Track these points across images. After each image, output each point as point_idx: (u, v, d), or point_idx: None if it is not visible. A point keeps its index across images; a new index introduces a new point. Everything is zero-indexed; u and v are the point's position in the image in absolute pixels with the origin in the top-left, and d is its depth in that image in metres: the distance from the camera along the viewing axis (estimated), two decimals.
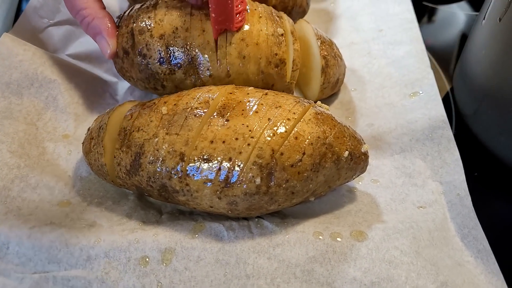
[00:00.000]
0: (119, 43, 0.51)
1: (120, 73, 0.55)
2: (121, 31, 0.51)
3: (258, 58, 0.50)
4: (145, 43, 0.50)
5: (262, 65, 0.50)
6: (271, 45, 0.50)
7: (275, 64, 0.51)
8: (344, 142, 0.43)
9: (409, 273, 0.39)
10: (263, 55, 0.50)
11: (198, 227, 0.44)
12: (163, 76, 0.51)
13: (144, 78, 0.52)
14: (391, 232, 0.42)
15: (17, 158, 0.49)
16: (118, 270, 0.41)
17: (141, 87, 0.54)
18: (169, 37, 0.49)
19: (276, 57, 0.51)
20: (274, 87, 0.53)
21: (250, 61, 0.50)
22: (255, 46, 0.50)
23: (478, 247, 0.42)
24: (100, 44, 0.51)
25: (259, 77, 0.51)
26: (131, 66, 0.52)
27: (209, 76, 0.50)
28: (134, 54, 0.51)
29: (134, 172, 0.43)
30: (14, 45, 0.55)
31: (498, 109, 0.49)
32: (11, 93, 0.53)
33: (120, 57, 0.52)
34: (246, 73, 0.50)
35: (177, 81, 0.51)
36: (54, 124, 0.54)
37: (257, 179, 0.40)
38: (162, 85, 0.52)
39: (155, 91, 0.54)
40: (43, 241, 0.41)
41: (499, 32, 0.47)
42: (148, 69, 0.51)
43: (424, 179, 0.48)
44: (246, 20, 0.50)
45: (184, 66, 0.50)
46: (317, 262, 0.41)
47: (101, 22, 0.50)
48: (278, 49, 0.51)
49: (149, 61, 0.50)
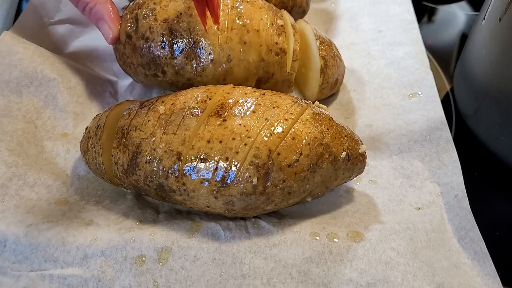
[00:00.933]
0: (122, 29, 0.52)
1: (120, 62, 0.55)
2: (125, 17, 0.52)
3: (259, 45, 0.51)
4: (149, 26, 0.50)
5: (262, 52, 0.51)
6: (271, 34, 0.51)
7: (275, 52, 0.52)
8: (342, 142, 0.43)
9: (405, 274, 0.39)
10: (264, 42, 0.51)
11: (195, 226, 0.44)
12: (164, 61, 0.51)
13: (145, 64, 0.53)
14: (388, 233, 0.42)
15: (15, 157, 0.49)
16: (115, 269, 0.41)
17: (141, 75, 0.55)
18: (173, 21, 0.50)
19: (277, 45, 0.52)
20: (274, 77, 0.53)
21: (251, 47, 0.51)
22: (256, 33, 0.51)
23: (475, 249, 0.42)
24: (102, 29, 0.52)
25: (259, 65, 0.52)
26: (132, 51, 0.52)
27: (210, 61, 0.51)
28: (136, 38, 0.51)
29: (131, 171, 0.43)
30: (14, 43, 0.55)
31: (498, 109, 0.49)
32: (10, 91, 0.53)
33: (122, 43, 0.53)
34: (247, 59, 0.51)
35: (178, 66, 0.51)
36: (53, 122, 0.55)
37: (253, 179, 0.40)
38: (163, 71, 0.52)
39: (155, 78, 0.54)
40: (40, 239, 0.42)
41: (499, 32, 0.47)
42: (149, 53, 0.51)
43: (422, 180, 0.48)
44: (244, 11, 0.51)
45: (186, 50, 0.50)
46: (313, 262, 0.40)
47: (103, 7, 0.50)
48: (278, 39, 0.52)
49: (151, 44, 0.51)
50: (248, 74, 0.52)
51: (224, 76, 0.52)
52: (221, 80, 0.52)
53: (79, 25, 0.65)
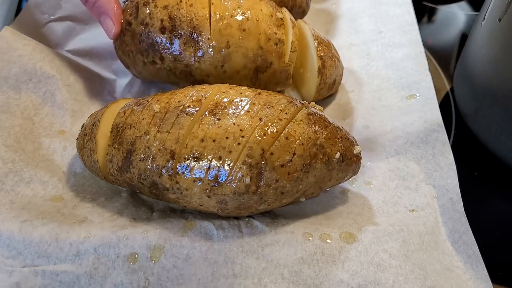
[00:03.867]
0: (123, 18, 0.53)
1: (119, 52, 0.56)
2: (126, 7, 0.53)
3: (258, 34, 0.51)
4: (149, 13, 0.51)
5: (261, 40, 0.52)
6: (270, 24, 0.52)
7: (274, 42, 0.52)
8: (336, 143, 0.43)
9: (396, 276, 0.39)
10: (263, 31, 0.52)
11: (188, 225, 0.44)
12: (163, 46, 0.52)
13: (143, 50, 0.53)
14: (381, 235, 0.42)
15: (12, 153, 0.49)
16: (107, 266, 0.41)
17: (140, 63, 0.55)
18: (173, 7, 0.51)
19: (276, 36, 0.52)
20: (272, 66, 0.53)
21: (250, 34, 0.51)
22: (255, 22, 0.51)
23: (468, 252, 0.41)
24: (104, 24, 0.52)
25: (257, 52, 0.52)
26: (131, 38, 0.53)
27: (208, 47, 0.51)
28: (136, 24, 0.52)
29: (126, 169, 0.43)
30: (14, 40, 0.56)
31: (498, 109, 0.49)
32: (9, 87, 0.54)
33: (122, 31, 0.53)
34: (245, 46, 0.51)
35: (176, 52, 0.52)
36: (51, 119, 0.55)
37: (246, 179, 0.40)
38: (161, 57, 0.53)
39: (153, 66, 0.54)
40: (34, 235, 0.42)
41: (499, 32, 0.47)
42: (148, 39, 0.52)
43: (417, 182, 0.48)
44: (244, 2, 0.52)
45: (185, 36, 0.51)
46: (305, 263, 0.40)
47: (107, 1, 0.51)
48: (277, 29, 0.53)
49: (150, 29, 0.51)
50: (247, 61, 0.52)
51: (222, 62, 0.52)
52: (219, 67, 0.52)
53: (79, 22, 0.65)
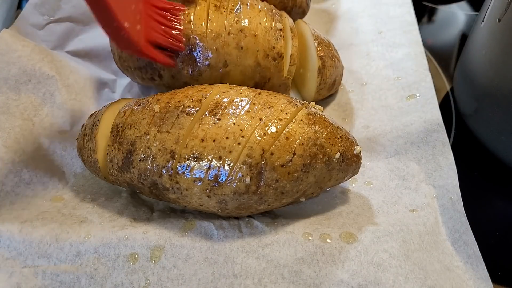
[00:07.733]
0: None
1: (118, 64, 0.56)
2: None
3: (256, 50, 0.51)
4: None
5: (259, 57, 0.51)
6: (269, 38, 0.51)
7: (272, 57, 0.51)
8: (336, 143, 0.43)
9: (396, 276, 0.39)
10: (261, 47, 0.51)
11: (188, 225, 0.44)
12: (161, 65, 0.51)
13: (142, 67, 0.53)
14: (381, 234, 0.42)
15: (12, 153, 0.49)
16: (107, 266, 0.41)
17: (138, 78, 0.55)
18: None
19: (274, 50, 0.51)
20: (270, 81, 0.53)
21: (247, 52, 0.50)
22: (253, 38, 0.50)
23: (468, 252, 0.41)
24: None
25: (256, 70, 0.51)
26: (129, 55, 0.53)
27: (206, 66, 0.51)
28: None
29: (126, 169, 0.43)
30: (13, 41, 0.56)
31: (498, 109, 0.49)
32: (8, 88, 0.53)
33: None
34: (243, 64, 0.51)
35: (174, 70, 0.52)
36: (51, 120, 0.55)
37: (246, 179, 0.40)
38: (159, 75, 0.53)
39: (152, 81, 0.54)
40: (34, 235, 0.42)
41: (498, 32, 0.47)
42: None
43: (417, 182, 0.48)
44: (243, 15, 0.51)
45: (182, 54, 0.50)
46: (305, 263, 0.40)
47: None
48: (276, 43, 0.51)
49: None
50: (245, 78, 0.52)
51: (220, 80, 0.52)
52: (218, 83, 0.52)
53: (79, 23, 0.65)
